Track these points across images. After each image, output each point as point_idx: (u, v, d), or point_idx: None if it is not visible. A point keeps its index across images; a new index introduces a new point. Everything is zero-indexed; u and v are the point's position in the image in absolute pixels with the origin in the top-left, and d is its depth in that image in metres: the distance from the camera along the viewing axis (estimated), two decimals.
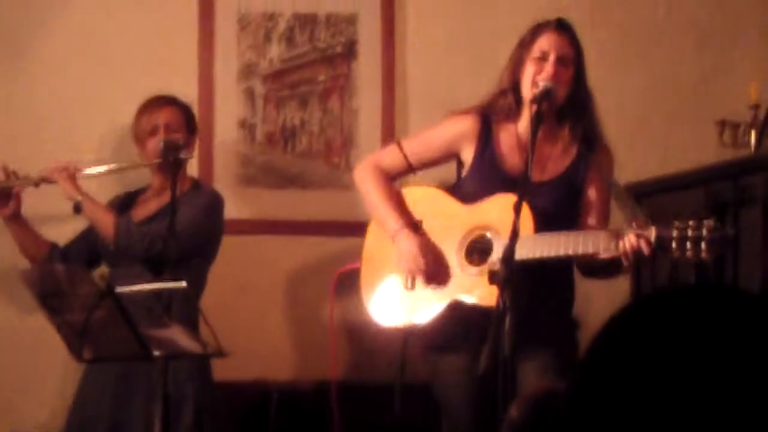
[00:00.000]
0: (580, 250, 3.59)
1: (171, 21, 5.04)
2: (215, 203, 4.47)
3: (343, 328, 4.78)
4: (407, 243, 3.89)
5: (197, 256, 4.36)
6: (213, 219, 4.44)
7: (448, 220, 3.90)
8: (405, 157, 4.02)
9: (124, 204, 4.54)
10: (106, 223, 4.32)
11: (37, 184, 4.42)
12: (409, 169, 4.05)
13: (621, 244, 3.50)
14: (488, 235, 3.79)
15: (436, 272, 3.85)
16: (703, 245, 3.39)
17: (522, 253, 3.39)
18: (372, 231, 4.07)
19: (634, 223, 3.54)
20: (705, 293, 1.60)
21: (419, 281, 3.88)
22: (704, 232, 3.40)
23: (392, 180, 4.07)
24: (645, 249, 3.47)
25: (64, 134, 4.87)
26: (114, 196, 4.63)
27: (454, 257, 3.85)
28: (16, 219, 4.48)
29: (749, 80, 5.01)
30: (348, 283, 4.17)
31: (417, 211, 3.99)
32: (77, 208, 4.32)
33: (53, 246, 4.55)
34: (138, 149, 4.49)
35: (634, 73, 5.22)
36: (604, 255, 3.61)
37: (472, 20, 5.15)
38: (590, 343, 1.61)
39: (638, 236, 3.47)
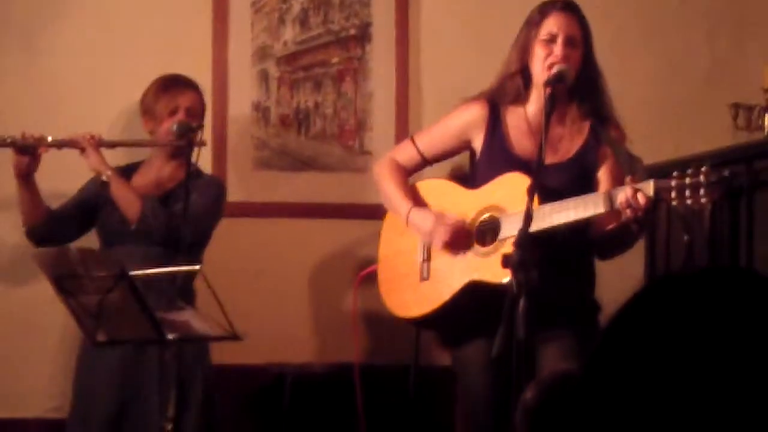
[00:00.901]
0: (582, 214, 3.59)
1: (185, 4, 5.03)
2: (223, 193, 4.52)
3: (360, 314, 4.79)
4: (420, 217, 3.89)
5: (202, 241, 4.39)
6: (221, 208, 4.48)
7: (457, 207, 3.89)
8: (418, 151, 4.02)
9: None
10: (132, 203, 4.26)
11: (60, 147, 4.33)
12: (424, 162, 4.06)
13: (619, 197, 3.50)
14: (495, 215, 3.79)
15: (456, 238, 3.82)
16: (701, 191, 3.40)
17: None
18: (384, 233, 4.09)
19: (629, 178, 3.55)
20: (720, 275, 1.59)
21: (433, 268, 3.88)
22: (701, 177, 3.40)
23: (409, 174, 4.07)
24: (641, 200, 3.46)
25: (77, 118, 4.85)
26: None
27: None
28: (28, 178, 4.38)
29: (763, 63, 4.99)
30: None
31: (427, 204, 3.99)
32: (103, 184, 4.30)
33: (49, 211, 4.47)
34: (147, 124, 4.45)
35: (649, 57, 5.20)
36: (610, 225, 3.63)
37: (486, 2, 5.14)
38: (604, 328, 1.61)
39: (635, 190, 3.48)
